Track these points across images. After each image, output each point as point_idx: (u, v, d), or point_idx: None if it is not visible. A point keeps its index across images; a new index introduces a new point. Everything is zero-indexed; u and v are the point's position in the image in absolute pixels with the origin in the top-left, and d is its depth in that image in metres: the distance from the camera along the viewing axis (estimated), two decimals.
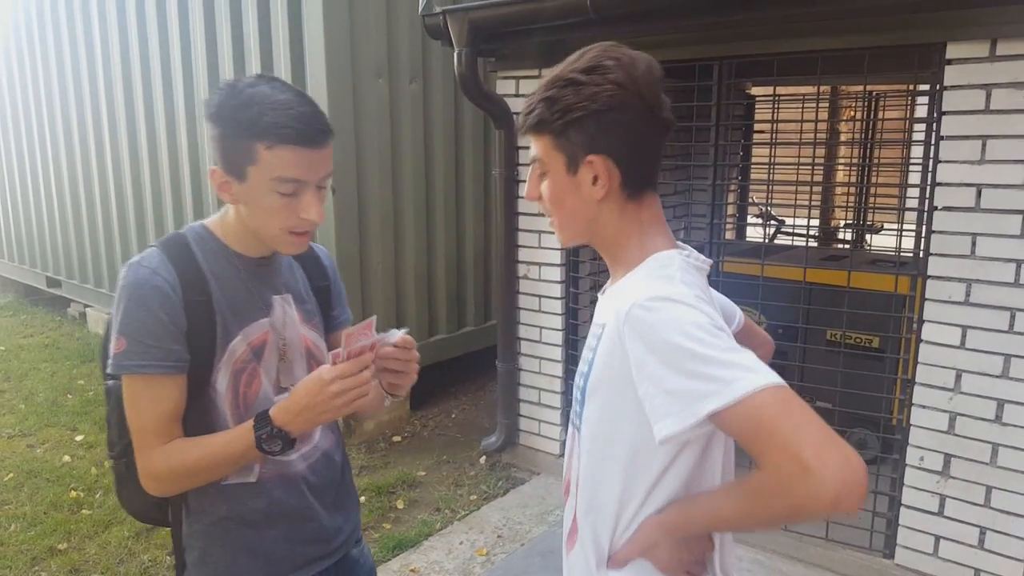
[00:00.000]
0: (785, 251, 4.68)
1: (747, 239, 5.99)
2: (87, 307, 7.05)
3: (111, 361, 1.21)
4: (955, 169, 2.56)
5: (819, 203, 5.50)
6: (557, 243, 3.66)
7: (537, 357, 3.85)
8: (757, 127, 5.47)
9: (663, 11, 3.01)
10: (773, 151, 3.48)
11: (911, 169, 5.56)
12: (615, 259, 1.13)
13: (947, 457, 2.72)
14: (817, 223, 6.62)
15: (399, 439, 4.44)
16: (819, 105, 3.44)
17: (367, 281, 4.36)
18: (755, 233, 6.34)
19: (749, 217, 6.03)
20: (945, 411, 2.69)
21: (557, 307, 3.74)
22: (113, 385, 1.31)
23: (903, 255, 3.32)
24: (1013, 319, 2.52)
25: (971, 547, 2.70)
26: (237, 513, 1.32)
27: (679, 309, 0.94)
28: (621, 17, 3.06)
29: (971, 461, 2.66)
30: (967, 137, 2.53)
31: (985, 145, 2.50)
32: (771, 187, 3.61)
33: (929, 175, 2.70)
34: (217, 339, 1.26)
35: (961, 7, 2.47)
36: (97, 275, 6.71)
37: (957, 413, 2.67)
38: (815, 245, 5.49)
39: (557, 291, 3.73)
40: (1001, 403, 2.58)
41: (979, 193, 2.53)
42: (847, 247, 6.00)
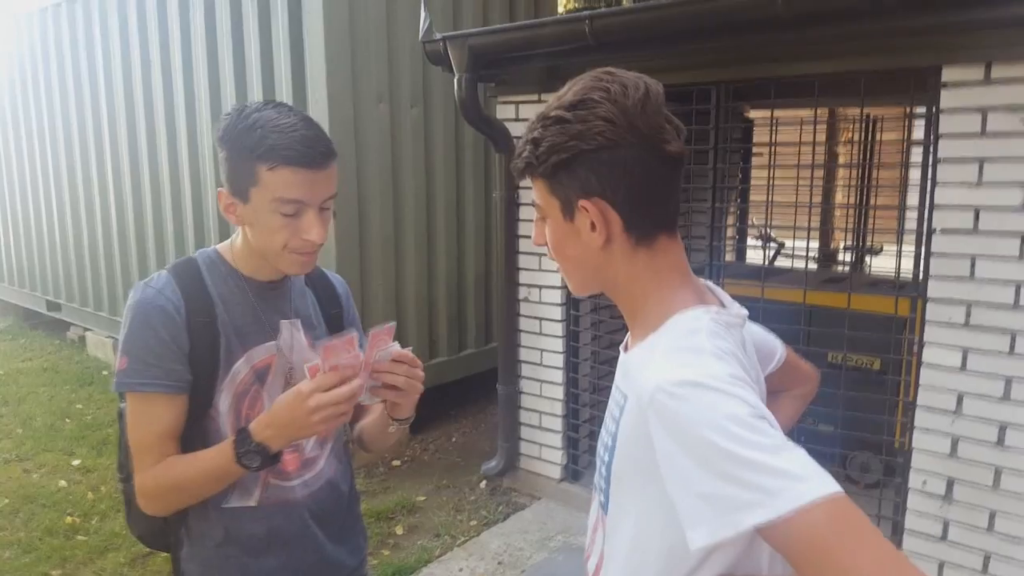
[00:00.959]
0: (785, 273, 4.68)
1: (747, 261, 5.99)
2: (87, 330, 7.04)
3: (114, 378, 1.24)
4: (953, 192, 2.57)
5: (818, 225, 5.51)
6: (558, 266, 3.66)
7: (538, 380, 3.84)
8: (755, 149, 5.50)
9: (661, 37, 3.04)
10: (772, 173, 3.50)
11: (909, 191, 5.59)
12: (631, 314, 1.01)
13: (950, 481, 2.69)
14: (817, 245, 6.63)
15: (399, 463, 4.41)
16: (816, 127, 3.46)
17: (368, 303, 4.36)
18: (755, 255, 6.35)
19: (749, 239, 6.03)
20: (947, 434, 2.68)
21: (558, 330, 3.73)
22: (124, 408, 1.32)
23: (902, 276, 3.32)
24: (1014, 342, 2.51)
25: (976, 572, 2.67)
26: (236, 538, 1.31)
27: (713, 398, 0.80)
28: (619, 43, 3.10)
29: (974, 485, 2.64)
30: (964, 160, 2.54)
31: (982, 167, 2.51)
32: (770, 209, 3.63)
33: (927, 197, 2.71)
34: (220, 361, 1.27)
35: (956, 32, 2.50)
36: (97, 298, 6.71)
37: (959, 436, 2.65)
38: (815, 267, 5.49)
39: (558, 314, 3.72)
40: (1003, 426, 2.56)
41: (977, 215, 2.54)
42: (847, 269, 6.01)
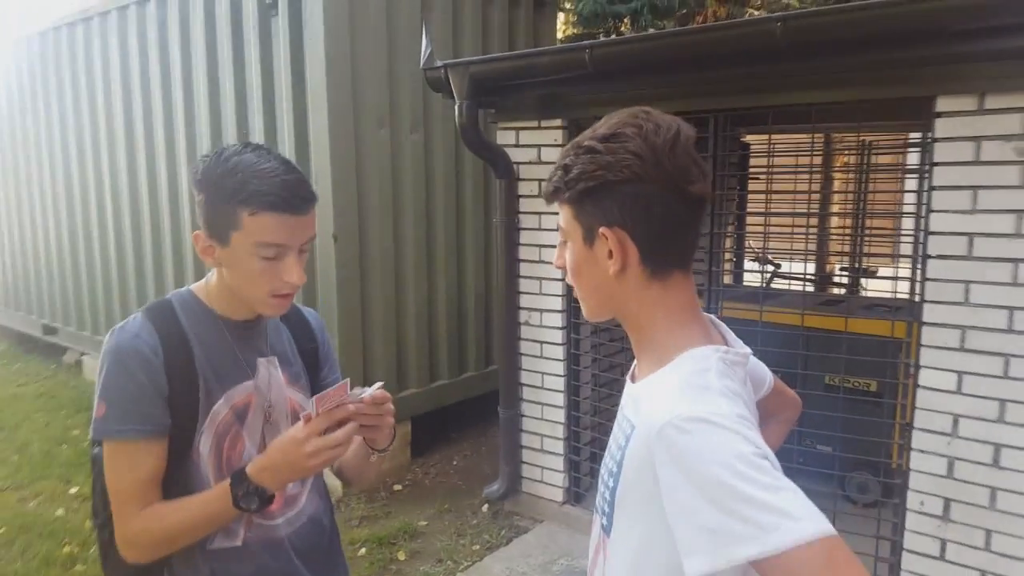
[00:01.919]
0: (782, 296, 4.74)
1: (744, 284, 6.05)
2: (83, 355, 7.01)
3: (92, 426, 1.22)
4: (947, 218, 2.63)
5: (815, 249, 5.59)
6: (559, 290, 3.71)
7: (539, 403, 3.86)
8: (752, 174, 5.58)
9: (659, 66, 3.11)
10: (769, 198, 3.56)
11: (905, 216, 5.67)
12: (641, 345, 1.06)
13: (947, 501, 2.73)
14: (813, 268, 6.71)
15: (400, 488, 4.41)
16: (813, 153, 3.53)
17: (368, 327, 4.38)
18: (752, 278, 6.41)
19: (746, 263, 6.09)
20: (944, 455, 2.72)
21: (559, 353, 3.76)
22: (98, 453, 1.31)
23: (898, 299, 3.37)
24: (1007, 365, 2.56)
25: None
26: None
27: (720, 436, 0.85)
28: (618, 71, 3.17)
29: (970, 505, 2.68)
30: (958, 187, 2.61)
31: (976, 195, 2.57)
32: (767, 233, 3.69)
33: (922, 222, 2.77)
34: (200, 402, 1.27)
35: (951, 62, 2.57)
36: (95, 322, 6.70)
37: (955, 458, 2.69)
38: (811, 290, 5.55)
39: (559, 337, 3.76)
40: (998, 447, 2.60)
41: (971, 241, 2.59)
42: (843, 292, 6.07)
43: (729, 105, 3.17)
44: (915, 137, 4.99)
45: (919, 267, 2.80)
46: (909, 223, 5.90)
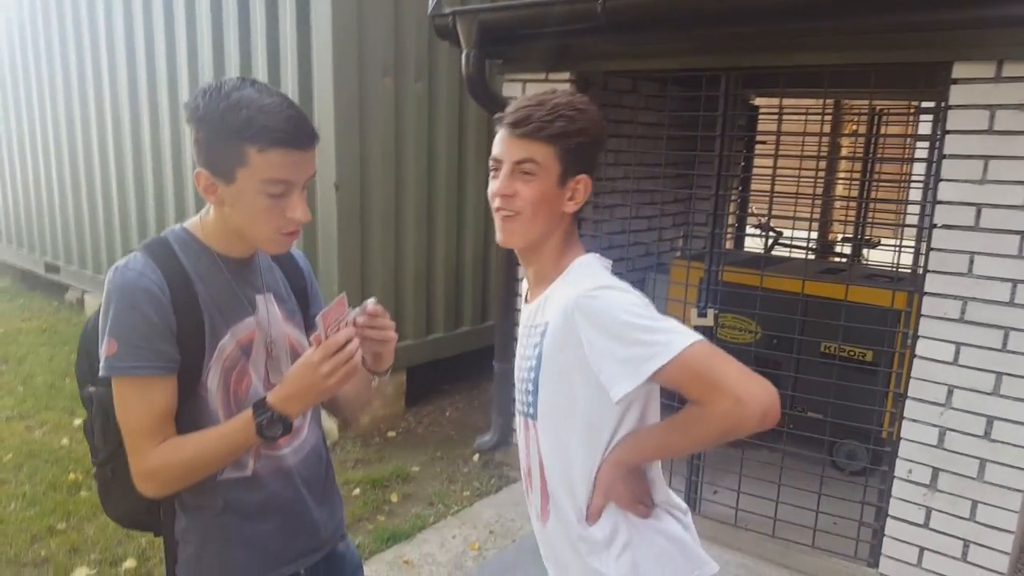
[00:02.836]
0: (782, 263, 4.72)
1: (745, 249, 6.03)
2: (85, 293, 7.05)
3: (103, 363, 1.21)
4: (956, 188, 2.60)
5: (818, 216, 5.55)
6: None
7: None
8: (759, 138, 5.51)
9: (673, 20, 3.04)
10: (775, 162, 3.52)
11: (913, 183, 5.63)
12: (547, 265, 1.34)
13: (935, 471, 2.75)
14: (815, 236, 6.67)
15: (394, 434, 4.46)
16: (823, 118, 3.47)
17: (367, 278, 4.38)
18: (753, 243, 6.39)
19: (748, 227, 6.06)
20: (935, 426, 2.73)
21: None
22: (96, 392, 1.32)
23: (900, 270, 3.35)
24: (1007, 338, 2.56)
25: (955, 559, 2.74)
26: (234, 507, 1.33)
27: (617, 294, 1.20)
28: (631, 24, 3.09)
29: (958, 475, 2.70)
30: (969, 156, 2.56)
31: (987, 165, 2.53)
32: (772, 198, 3.65)
33: (930, 192, 2.74)
34: (206, 338, 1.27)
35: (969, 28, 2.51)
36: (96, 261, 6.72)
37: (947, 428, 2.71)
38: (812, 258, 5.54)
39: None
40: (991, 420, 2.62)
41: (979, 212, 2.56)
42: (844, 260, 6.06)
43: (742, 64, 3.11)
44: (927, 105, 4.92)
45: (924, 237, 2.78)
46: (915, 194, 5.87)
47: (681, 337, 1.13)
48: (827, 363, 3.56)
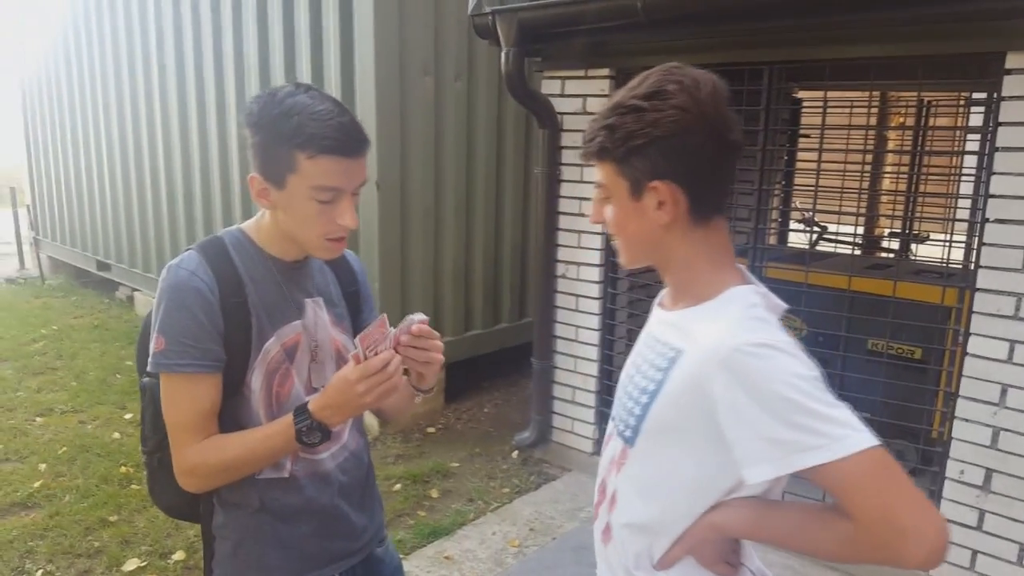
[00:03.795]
0: (827, 258, 4.63)
1: (789, 245, 5.93)
2: (135, 291, 7.25)
3: (151, 359, 1.25)
4: (1009, 181, 2.53)
5: (865, 211, 5.43)
6: (597, 243, 3.68)
7: (573, 356, 3.87)
8: (803, 132, 5.41)
9: (715, 15, 3.00)
10: (820, 156, 3.45)
11: (964, 177, 5.47)
12: (682, 286, 1.13)
13: (988, 472, 2.68)
14: (862, 231, 6.52)
15: (433, 430, 4.50)
16: (870, 111, 3.39)
17: (407, 275, 4.43)
18: (796, 239, 6.28)
19: (791, 223, 5.96)
20: (989, 425, 2.66)
21: (595, 307, 3.75)
22: (148, 382, 1.35)
23: (950, 266, 3.26)
24: None
25: (1010, 563, 2.66)
26: (271, 507, 1.35)
27: (785, 359, 0.96)
28: (670, 20, 3.07)
29: (1014, 477, 2.63)
30: (1023, 149, 2.49)
31: None
32: (816, 193, 3.58)
33: (982, 186, 2.66)
34: (252, 340, 1.29)
35: (1022, 17, 2.43)
36: (146, 260, 6.91)
37: (1001, 428, 2.63)
38: (858, 253, 5.41)
39: (595, 291, 3.74)
40: None
41: None
42: (891, 256, 5.91)
43: (785, 57, 3.06)
44: (979, 96, 4.77)
45: (975, 232, 2.70)
46: (965, 187, 5.70)
47: (856, 436, 0.91)
48: (875, 361, 3.49)
